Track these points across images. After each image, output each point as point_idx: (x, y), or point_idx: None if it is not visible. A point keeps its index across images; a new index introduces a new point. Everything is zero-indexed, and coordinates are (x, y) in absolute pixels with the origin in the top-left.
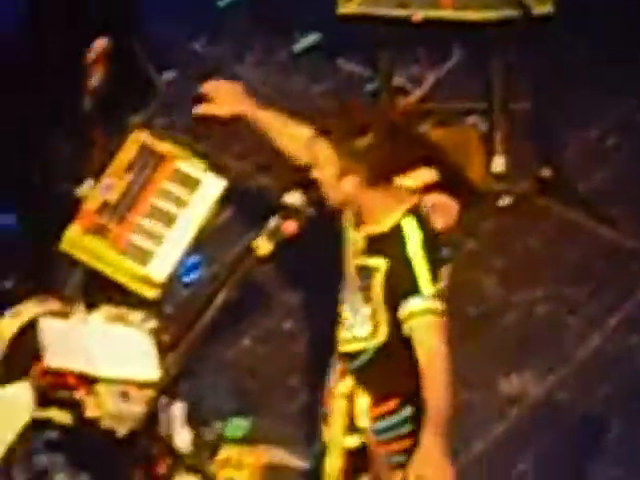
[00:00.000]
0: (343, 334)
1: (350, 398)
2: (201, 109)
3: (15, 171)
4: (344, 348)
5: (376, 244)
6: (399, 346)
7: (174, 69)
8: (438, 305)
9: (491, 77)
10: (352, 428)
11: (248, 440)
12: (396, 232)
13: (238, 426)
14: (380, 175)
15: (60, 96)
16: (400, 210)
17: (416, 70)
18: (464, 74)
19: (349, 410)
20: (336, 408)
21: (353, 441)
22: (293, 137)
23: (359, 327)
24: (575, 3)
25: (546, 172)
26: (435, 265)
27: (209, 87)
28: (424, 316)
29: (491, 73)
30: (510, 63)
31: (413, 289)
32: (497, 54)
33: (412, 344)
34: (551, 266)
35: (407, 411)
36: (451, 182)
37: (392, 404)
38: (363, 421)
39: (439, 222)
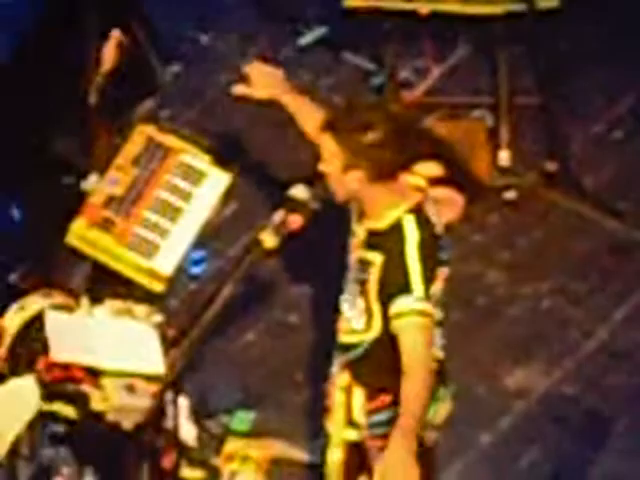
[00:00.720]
0: (341, 325)
1: (348, 390)
2: (239, 89)
3: (20, 165)
4: (342, 339)
5: (375, 239)
6: (392, 342)
7: (179, 62)
8: (427, 307)
9: (497, 71)
10: (351, 421)
11: (253, 433)
12: (395, 229)
13: (243, 419)
14: (384, 171)
15: (65, 89)
16: (402, 207)
17: (422, 63)
18: (470, 68)
19: (348, 403)
20: (336, 400)
21: (353, 434)
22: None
23: (356, 320)
24: None
25: (552, 166)
26: (430, 267)
27: (250, 68)
28: (411, 317)
29: (497, 67)
30: (516, 57)
31: (404, 288)
32: (503, 48)
33: (397, 343)
34: (557, 259)
35: (397, 410)
36: (456, 176)
37: (385, 399)
38: (359, 415)
39: (445, 216)
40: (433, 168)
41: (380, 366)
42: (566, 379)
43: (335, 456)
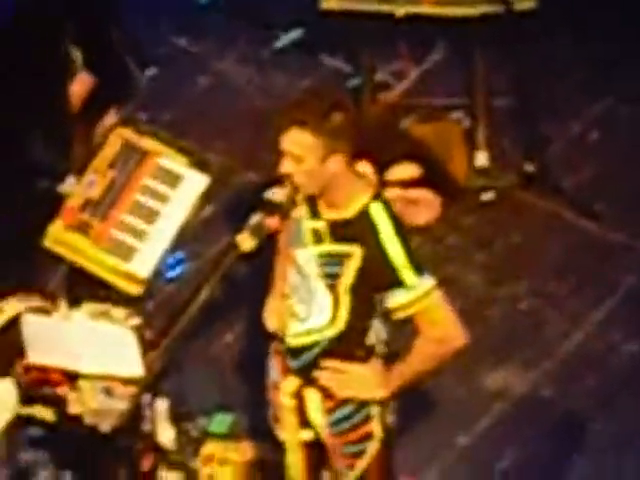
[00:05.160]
0: (292, 328)
1: (298, 395)
2: None
3: None
4: (294, 342)
5: (345, 230)
6: (356, 333)
7: (156, 65)
8: (428, 285)
9: (474, 72)
10: (305, 422)
11: (232, 436)
12: (364, 218)
13: (222, 422)
14: (360, 151)
15: (41, 93)
16: (366, 195)
17: (399, 65)
18: (447, 69)
19: (299, 407)
20: (285, 407)
21: (308, 434)
22: None
23: (315, 317)
24: None
25: (529, 167)
26: (410, 246)
27: None
28: (417, 304)
29: (474, 68)
30: (493, 58)
31: (396, 281)
32: (480, 49)
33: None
34: (534, 261)
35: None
36: (434, 177)
37: None
38: (316, 416)
39: (421, 217)
40: (410, 169)
41: (340, 362)
42: (543, 381)
43: (294, 459)
